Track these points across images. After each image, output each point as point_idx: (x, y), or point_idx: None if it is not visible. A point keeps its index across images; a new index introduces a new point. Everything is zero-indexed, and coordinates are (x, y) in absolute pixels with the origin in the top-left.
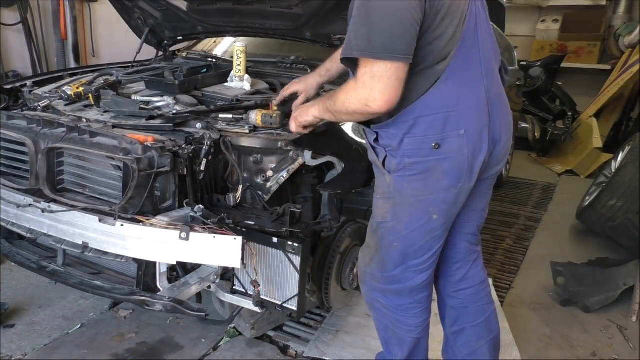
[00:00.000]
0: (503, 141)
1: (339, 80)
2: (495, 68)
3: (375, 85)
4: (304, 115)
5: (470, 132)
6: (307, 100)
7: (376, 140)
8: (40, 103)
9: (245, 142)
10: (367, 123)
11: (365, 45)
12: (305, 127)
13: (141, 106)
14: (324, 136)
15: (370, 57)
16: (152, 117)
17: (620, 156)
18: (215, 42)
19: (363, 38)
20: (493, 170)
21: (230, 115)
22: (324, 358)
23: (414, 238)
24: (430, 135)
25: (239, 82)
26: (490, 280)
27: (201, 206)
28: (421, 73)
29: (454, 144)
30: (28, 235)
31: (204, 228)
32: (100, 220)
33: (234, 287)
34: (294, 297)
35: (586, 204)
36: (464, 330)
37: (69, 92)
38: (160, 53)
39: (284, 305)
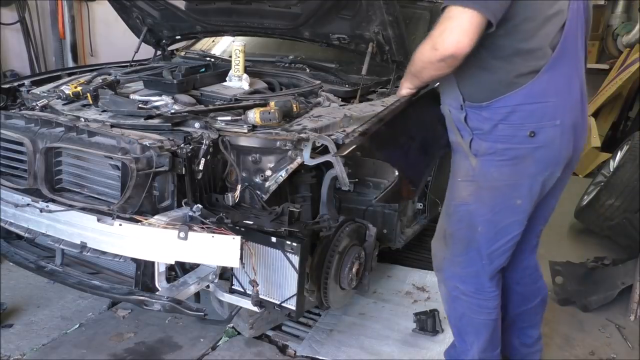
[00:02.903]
0: (583, 138)
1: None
2: (585, 67)
3: (446, 25)
4: (401, 91)
5: (565, 124)
6: None
7: (465, 120)
8: (38, 102)
9: (244, 141)
10: (456, 102)
11: None
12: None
13: (139, 105)
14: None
15: (451, 4)
16: (150, 117)
17: (619, 155)
18: (213, 41)
19: None
20: (572, 165)
21: (228, 117)
22: (317, 357)
23: (497, 221)
24: (527, 124)
25: (238, 82)
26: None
27: (200, 206)
28: (524, 59)
29: (549, 134)
30: (26, 235)
31: (202, 228)
32: (98, 220)
33: (233, 287)
34: (292, 296)
35: (584, 203)
36: (527, 311)
37: (67, 92)
38: (159, 52)
39: (283, 304)
